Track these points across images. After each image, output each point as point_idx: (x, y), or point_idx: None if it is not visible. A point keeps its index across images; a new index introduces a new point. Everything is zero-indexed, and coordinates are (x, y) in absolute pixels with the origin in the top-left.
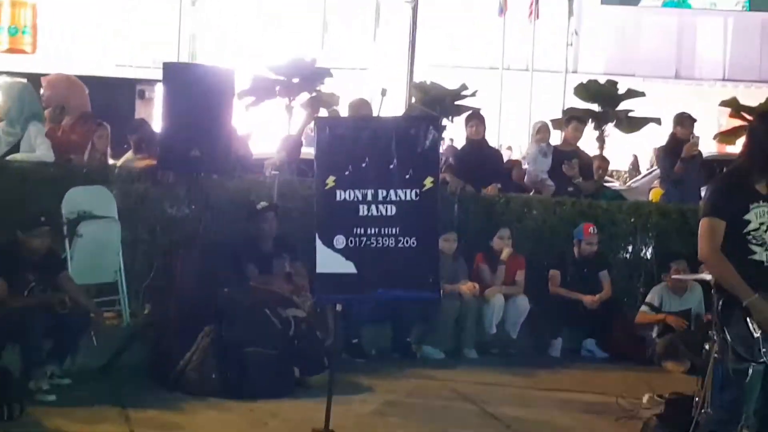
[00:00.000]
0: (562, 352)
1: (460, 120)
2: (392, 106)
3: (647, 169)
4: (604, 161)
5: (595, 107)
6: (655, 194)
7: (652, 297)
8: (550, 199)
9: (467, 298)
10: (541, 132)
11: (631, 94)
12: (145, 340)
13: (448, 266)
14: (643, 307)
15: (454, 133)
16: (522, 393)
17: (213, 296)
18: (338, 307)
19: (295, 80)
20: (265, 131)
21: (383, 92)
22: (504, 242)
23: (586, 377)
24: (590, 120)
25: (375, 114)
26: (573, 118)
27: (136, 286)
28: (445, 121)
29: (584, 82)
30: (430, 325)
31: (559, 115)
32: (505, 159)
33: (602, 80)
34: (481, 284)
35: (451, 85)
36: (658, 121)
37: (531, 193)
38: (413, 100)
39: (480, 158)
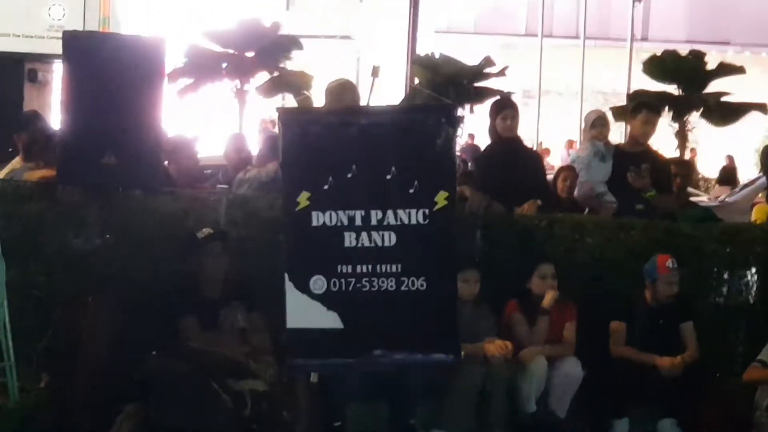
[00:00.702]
0: None
1: (483, 110)
2: (388, 90)
3: (749, 178)
4: (686, 167)
5: (673, 89)
6: (759, 212)
7: None
8: (611, 221)
9: (495, 363)
10: (598, 126)
11: (725, 70)
12: (41, 425)
13: (469, 317)
14: (756, 363)
15: (475, 128)
16: None
17: (136, 362)
18: (314, 377)
19: (249, 54)
20: (208, 126)
21: (375, 71)
22: (547, 283)
23: None
24: (667, 108)
25: (364, 102)
26: (642, 106)
27: (28, 348)
28: (461, 111)
29: (658, 54)
30: (443, 401)
31: (623, 102)
32: (559, 162)
33: (683, 51)
34: (514, 342)
35: (470, 59)
36: (763, 108)
37: (584, 213)
38: (417, 81)
39: (513, 164)
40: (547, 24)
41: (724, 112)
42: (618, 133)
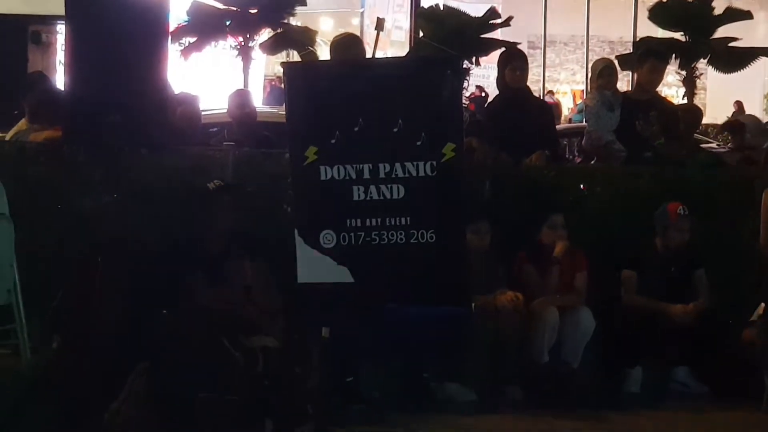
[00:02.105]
0: (643, 387)
1: (489, 61)
2: (393, 43)
3: None
4: (695, 113)
5: (679, 36)
6: None
7: None
8: (620, 169)
9: (507, 314)
10: (605, 75)
11: (732, 15)
12: (53, 386)
13: (480, 269)
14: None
15: (481, 80)
16: None
17: (147, 321)
18: (325, 332)
19: (253, 11)
20: (213, 84)
21: (380, 24)
22: (557, 233)
23: (678, 422)
24: (674, 56)
25: (369, 56)
26: (649, 54)
27: (39, 309)
28: (467, 64)
29: (664, 0)
30: (455, 354)
31: (629, 50)
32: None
33: None
34: (525, 293)
35: (474, 10)
36: None
37: (592, 163)
38: (421, 34)
39: (521, 114)
40: None
41: (732, 59)
42: (625, 81)
